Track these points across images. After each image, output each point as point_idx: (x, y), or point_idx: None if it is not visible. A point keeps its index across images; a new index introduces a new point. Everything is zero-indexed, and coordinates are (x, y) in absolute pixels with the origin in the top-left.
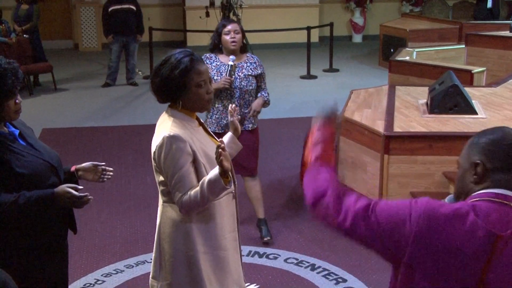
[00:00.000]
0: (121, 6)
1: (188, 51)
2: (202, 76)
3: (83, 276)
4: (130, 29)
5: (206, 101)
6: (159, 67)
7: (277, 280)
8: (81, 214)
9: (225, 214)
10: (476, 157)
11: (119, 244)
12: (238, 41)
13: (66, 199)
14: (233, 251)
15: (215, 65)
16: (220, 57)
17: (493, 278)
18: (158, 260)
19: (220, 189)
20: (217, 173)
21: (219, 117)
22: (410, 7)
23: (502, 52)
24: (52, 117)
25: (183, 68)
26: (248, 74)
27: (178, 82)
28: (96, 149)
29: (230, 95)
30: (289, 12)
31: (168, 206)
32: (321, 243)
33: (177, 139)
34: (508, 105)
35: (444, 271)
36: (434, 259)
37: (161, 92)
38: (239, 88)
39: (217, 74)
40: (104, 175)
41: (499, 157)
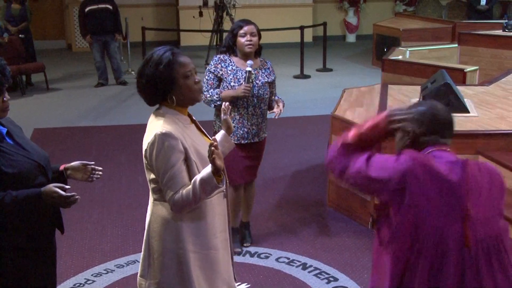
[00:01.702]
0: (98, 6)
1: (167, 47)
2: (187, 67)
3: (73, 276)
4: (107, 29)
5: (196, 91)
6: (142, 68)
7: (268, 279)
8: (72, 213)
9: (216, 214)
10: (409, 126)
11: (110, 243)
12: (254, 44)
13: (53, 199)
14: (224, 251)
15: (231, 70)
16: (234, 60)
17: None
18: (146, 258)
19: (213, 188)
20: (209, 172)
21: (234, 126)
22: (404, 7)
23: (495, 51)
24: (44, 117)
25: (167, 62)
26: (265, 81)
27: (165, 77)
28: (88, 149)
29: (247, 103)
30: (282, 11)
31: (158, 204)
32: (313, 242)
33: (169, 136)
34: (500, 104)
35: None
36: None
37: (149, 91)
38: (256, 96)
39: (234, 79)
40: (93, 174)
41: (428, 125)
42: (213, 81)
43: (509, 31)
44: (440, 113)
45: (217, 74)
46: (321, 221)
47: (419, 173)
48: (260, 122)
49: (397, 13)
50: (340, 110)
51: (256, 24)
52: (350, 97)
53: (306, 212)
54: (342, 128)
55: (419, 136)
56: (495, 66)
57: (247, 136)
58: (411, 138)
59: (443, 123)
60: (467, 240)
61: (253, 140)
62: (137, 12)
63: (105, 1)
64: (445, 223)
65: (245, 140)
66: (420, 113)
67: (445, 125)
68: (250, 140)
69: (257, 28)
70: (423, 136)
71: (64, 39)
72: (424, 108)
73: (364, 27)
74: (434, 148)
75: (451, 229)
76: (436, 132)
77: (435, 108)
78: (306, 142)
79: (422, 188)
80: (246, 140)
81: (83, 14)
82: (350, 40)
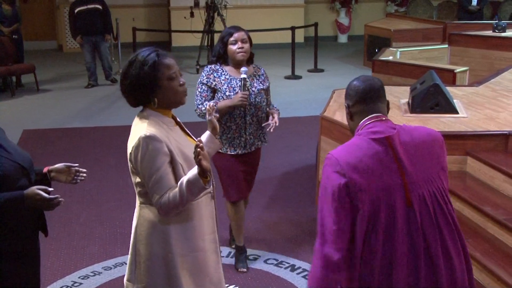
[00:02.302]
0: (87, 7)
1: (152, 48)
2: (172, 69)
3: (60, 279)
4: (97, 29)
5: (181, 93)
6: (127, 69)
7: (256, 281)
8: (60, 215)
9: (203, 216)
10: (345, 101)
11: (98, 245)
12: (246, 51)
13: (36, 201)
14: (212, 253)
15: (224, 79)
16: (227, 69)
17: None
18: (133, 262)
19: (200, 189)
20: (196, 173)
21: (231, 136)
22: (395, 7)
23: (485, 52)
24: (34, 118)
25: (152, 64)
26: (261, 88)
27: (150, 79)
28: (78, 150)
29: (244, 112)
30: (274, 12)
31: (145, 207)
32: (301, 243)
33: (153, 139)
34: (489, 104)
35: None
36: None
37: (133, 93)
38: (253, 104)
39: (229, 89)
40: (77, 176)
41: (354, 96)
42: (206, 93)
43: (499, 31)
44: (358, 83)
45: (210, 85)
46: (310, 222)
47: (337, 169)
48: (256, 130)
49: (388, 14)
50: (329, 111)
51: (246, 30)
52: (339, 98)
53: (295, 213)
54: (331, 129)
55: (352, 108)
56: (485, 66)
57: (244, 145)
58: (348, 114)
59: (362, 90)
60: (408, 201)
61: (251, 149)
62: (129, 13)
63: (94, 2)
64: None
65: (243, 150)
66: (348, 89)
67: (365, 92)
68: (248, 150)
69: (248, 34)
70: (354, 107)
71: (55, 39)
72: (350, 84)
73: (356, 28)
74: (369, 121)
75: (394, 194)
76: (363, 100)
77: (355, 80)
78: (296, 143)
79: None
80: (244, 150)
81: (73, 14)
82: (341, 40)
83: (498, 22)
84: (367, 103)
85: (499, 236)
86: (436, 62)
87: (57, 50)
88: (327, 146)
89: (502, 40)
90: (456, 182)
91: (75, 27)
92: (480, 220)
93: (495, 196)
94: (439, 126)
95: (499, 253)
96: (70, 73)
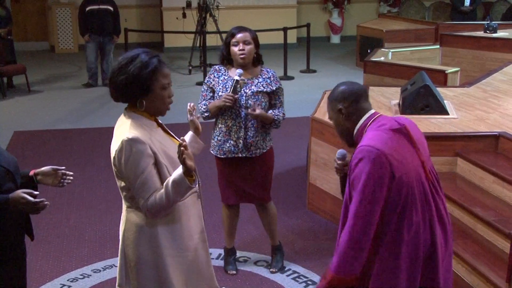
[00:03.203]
0: (99, 7)
1: (153, 52)
2: (167, 79)
3: (48, 281)
4: (106, 30)
5: (166, 105)
6: (125, 65)
7: (246, 283)
8: (49, 218)
9: (191, 215)
10: (336, 106)
11: (87, 248)
12: (248, 53)
13: (22, 205)
14: (203, 252)
15: (222, 80)
16: (229, 71)
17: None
18: (123, 267)
19: (186, 189)
20: (181, 173)
21: (221, 139)
22: (388, 8)
23: (477, 53)
24: (25, 120)
25: (153, 69)
26: (258, 91)
27: (146, 82)
28: (69, 152)
29: (235, 114)
30: (266, 13)
31: (131, 211)
32: (291, 245)
33: (136, 141)
34: (479, 105)
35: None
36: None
37: (124, 90)
38: (244, 107)
39: (223, 89)
40: (64, 179)
41: (345, 98)
42: (206, 92)
43: (491, 32)
44: (347, 86)
45: (210, 85)
46: (300, 224)
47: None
48: (251, 136)
49: (381, 15)
50: (320, 113)
51: (251, 31)
52: None
53: (285, 215)
54: (321, 131)
55: (348, 109)
56: (476, 67)
57: (234, 150)
58: (345, 115)
59: (356, 91)
60: (428, 176)
61: (241, 154)
62: (121, 13)
63: (106, 2)
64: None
65: (232, 154)
66: (337, 94)
67: (358, 92)
68: (238, 155)
69: (254, 34)
70: (350, 108)
71: (47, 40)
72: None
73: (348, 28)
74: (373, 117)
75: (420, 173)
76: (357, 100)
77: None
78: (287, 144)
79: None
80: (233, 154)
81: (83, 12)
82: (334, 41)
83: (490, 22)
84: (362, 101)
85: (488, 238)
86: (428, 62)
87: (49, 51)
88: (318, 148)
89: (493, 41)
90: (446, 183)
91: (85, 25)
92: (469, 221)
93: (485, 197)
94: (429, 127)
95: (488, 254)
96: (62, 74)
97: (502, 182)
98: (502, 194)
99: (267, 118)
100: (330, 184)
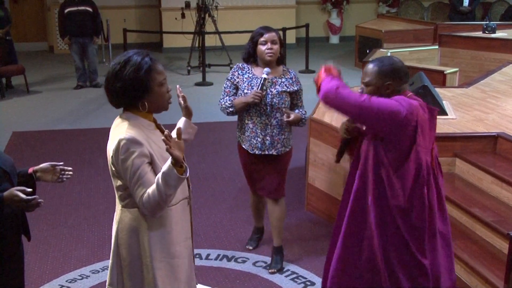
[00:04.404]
0: (77, 8)
1: (143, 51)
2: (163, 75)
3: (47, 282)
4: (86, 31)
5: (167, 100)
6: (119, 70)
7: (245, 284)
8: (48, 218)
9: (179, 221)
10: (386, 79)
11: (86, 248)
12: (275, 52)
13: (15, 203)
14: (187, 259)
15: (247, 77)
16: (254, 69)
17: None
18: (115, 266)
19: (176, 180)
20: (169, 164)
21: (249, 135)
22: (387, 8)
23: (475, 53)
24: (23, 120)
25: (147, 68)
26: (282, 90)
27: (144, 83)
28: (67, 152)
29: (259, 111)
30: (265, 13)
31: (126, 211)
32: (290, 246)
33: (133, 141)
34: (478, 106)
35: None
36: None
37: (123, 95)
38: (270, 105)
39: (248, 87)
40: (63, 175)
41: (398, 77)
42: (229, 89)
43: (489, 32)
44: (401, 63)
45: (234, 82)
46: (298, 224)
47: (420, 112)
48: (277, 133)
49: (379, 15)
50: (318, 113)
51: (277, 31)
52: None
53: None
54: (320, 131)
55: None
56: (475, 68)
57: (260, 146)
58: (390, 90)
59: (407, 71)
60: (432, 158)
61: (268, 152)
62: (119, 14)
63: (85, 4)
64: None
65: (259, 151)
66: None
67: (407, 72)
68: (264, 152)
69: (279, 35)
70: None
71: (45, 41)
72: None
73: (347, 29)
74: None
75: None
76: (406, 80)
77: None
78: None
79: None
80: (260, 151)
81: (62, 14)
82: (333, 41)
83: (488, 23)
84: (407, 81)
85: (487, 238)
86: (427, 63)
87: (48, 51)
88: (316, 148)
89: (492, 41)
90: (445, 184)
91: (64, 28)
92: (468, 222)
93: (484, 198)
94: None
95: (487, 255)
96: (61, 74)
97: (500, 183)
98: (501, 194)
99: (297, 119)
100: (330, 184)
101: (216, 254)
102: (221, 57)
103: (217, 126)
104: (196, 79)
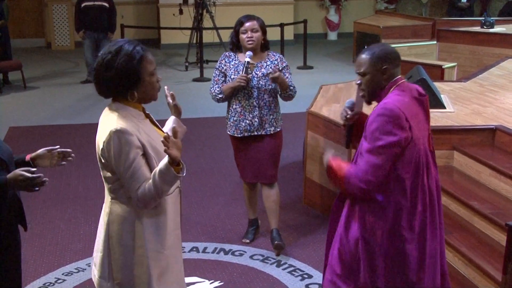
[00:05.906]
0: (94, 3)
1: (133, 41)
2: (153, 64)
3: (43, 275)
4: (101, 26)
5: (157, 89)
6: (111, 59)
7: (242, 277)
8: (44, 212)
9: (170, 212)
10: (381, 64)
11: (82, 242)
12: (256, 40)
13: (20, 182)
14: (176, 250)
15: (233, 64)
16: (239, 56)
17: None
18: (106, 259)
19: (172, 178)
20: (166, 162)
21: (237, 119)
22: (385, 5)
23: (474, 48)
24: (20, 115)
25: (139, 58)
26: (268, 72)
27: (135, 73)
28: (64, 147)
29: (247, 95)
30: (263, 9)
31: (116, 203)
32: (287, 239)
33: (124, 132)
34: (476, 99)
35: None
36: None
37: (114, 85)
38: (256, 87)
39: (235, 73)
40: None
41: (391, 60)
42: (218, 77)
43: (488, 27)
44: (391, 48)
45: (222, 70)
46: (296, 218)
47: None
48: (265, 114)
49: (378, 11)
50: (316, 107)
51: (259, 19)
52: (327, 93)
53: (281, 209)
54: (317, 124)
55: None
56: (473, 62)
57: (249, 128)
58: (386, 74)
59: (399, 54)
60: (429, 144)
61: (257, 132)
62: (117, 10)
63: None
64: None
65: (248, 133)
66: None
67: (399, 56)
68: (253, 133)
69: (261, 22)
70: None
71: (43, 37)
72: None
73: (346, 25)
74: (395, 83)
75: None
76: (398, 64)
77: (384, 45)
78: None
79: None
80: (249, 132)
81: (79, 8)
82: (331, 37)
83: (486, 18)
84: (399, 65)
85: (485, 231)
86: (425, 58)
87: (45, 47)
88: (314, 141)
89: (490, 36)
90: (443, 177)
91: (79, 21)
92: (466, 214)
93: (482, 190)
94: None
95: (485, 247)
96: (58, 70)
97: (498, 175)
98: (499, 187)
99: (284, 81)
100: (327, 178)
101: (213, 248)
102: (219, 53)
103: (215, 121)
104: (194, 75)
